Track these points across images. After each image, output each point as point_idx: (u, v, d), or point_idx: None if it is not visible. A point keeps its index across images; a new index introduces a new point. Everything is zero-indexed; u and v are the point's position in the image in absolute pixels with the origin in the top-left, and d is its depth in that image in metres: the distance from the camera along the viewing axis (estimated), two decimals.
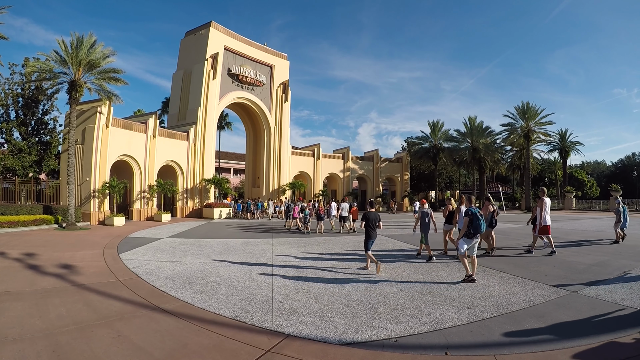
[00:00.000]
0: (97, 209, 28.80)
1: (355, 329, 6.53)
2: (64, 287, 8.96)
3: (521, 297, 8.30)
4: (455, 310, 7.55)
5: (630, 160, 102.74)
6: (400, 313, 7.40)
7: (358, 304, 7.94)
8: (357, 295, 8.59)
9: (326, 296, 8.53)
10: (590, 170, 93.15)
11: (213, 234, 21.83)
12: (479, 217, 9.98)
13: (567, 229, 23.71)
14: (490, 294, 8.67)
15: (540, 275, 10.49)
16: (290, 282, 9.85)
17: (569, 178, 67.88)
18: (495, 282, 9.71)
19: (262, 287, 9.28)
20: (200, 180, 38.00)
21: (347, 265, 12.18)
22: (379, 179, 58.01)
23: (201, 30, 40.41)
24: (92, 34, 25.54)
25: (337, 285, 9.55)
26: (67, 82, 25.27)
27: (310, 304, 7.90)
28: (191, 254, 14.20)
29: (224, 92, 40.96)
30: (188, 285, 9.29)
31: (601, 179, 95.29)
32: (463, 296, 8.53)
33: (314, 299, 8.31)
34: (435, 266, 11.94)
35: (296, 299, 8.25)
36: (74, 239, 18.81)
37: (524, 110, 53.42)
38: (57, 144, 33.69)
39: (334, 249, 16.05)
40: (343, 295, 8.59)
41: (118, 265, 11.91)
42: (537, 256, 13.58)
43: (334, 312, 7.39)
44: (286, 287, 9.25)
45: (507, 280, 9.97)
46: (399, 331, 6.49)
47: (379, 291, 9.00)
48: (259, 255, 14.13)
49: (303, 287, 9.28)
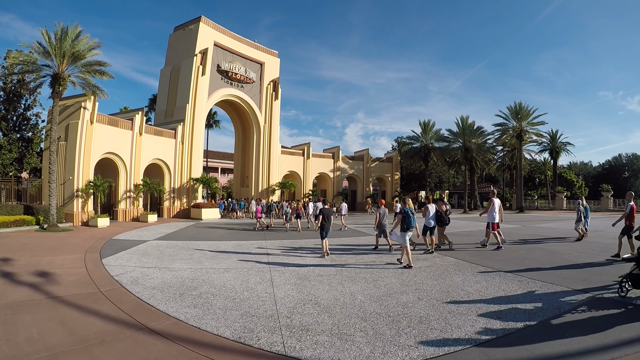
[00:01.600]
0: (81, 209, 27.56)
1: (383, 350, 5.62)
2: (38, 301, 7.86)
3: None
4: (485, 320, 6.87)
5: (617, 161, 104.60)
6: (426, 327, 6.59)
7: (376, 317, 7.06)
8: (372, 307, 7.71)
9: (338, 308, 7.61)
10: (577, 171, 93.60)
11: (202, 236, 20.77)
12: (410, 215, 12.11)
13: (550, 228, 25.51)
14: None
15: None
16: (293, 291, 8.88)
17: (558, 178, 67.78)
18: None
19: (264, 298, 8.28)
20: (188, 180, 36.84)
21: (352, 270, 11.24)
22: (369, 178, 57.25)
23: (191, 25, 39.27)
24: (77, 24, 24.48)
25: (347, 294, 8.66)
26: (50, 75, 24.10)
27: (322, 319, 6.95)
28: (180, 259, 13.14)
29: (213, 89, 39.88)
30: (179, 297, 8.23)
31: (588, 180, 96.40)
32: (486, 302, 8.01)
33: (325, 312, 7.38)
34: (447, 270, 11.21)
35: (305, 313, 7.29)
36: (55, 241, 17.66)
37: (517, 111, 52.87)
38: (39, 141, 32.38)
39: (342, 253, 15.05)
40: (357, 307, 7.70)
41: (100, 272, 10.81)
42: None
43: (352, 329, 6.46)
44: (291, 298, 8.29)
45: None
46: (432, 350, 5.64)
47: (396, 301, 8.15)
48: (254, 260, 13.12)
49: (310, 298, 8.33)
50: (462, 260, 12.91)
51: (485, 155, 56.13)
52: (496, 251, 14.81)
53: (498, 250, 14.88)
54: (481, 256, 13.81)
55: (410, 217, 12.09)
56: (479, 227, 24.65)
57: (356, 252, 15.17)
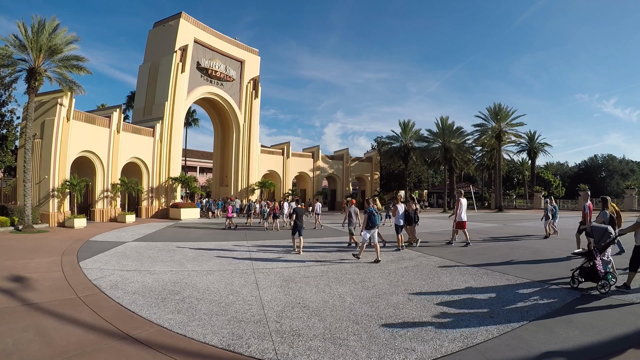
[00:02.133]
0: (57, 209, 26.84)
1: (379, 354, 5.47)
2: (13, 308, 7.47)
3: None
4: (479, 320, 6.88)
5: (594, 162, 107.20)
6: (420, 328, 6.49)
7: (368, 320, 6.91)
8: (363, 309, 7.57)
9: (328, 311, 7.44)
10: (554, 171, 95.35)
11: (182, 237, 20.36)
12: (374, 214, 13.14)
13: (530, 226, 25.95)
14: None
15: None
16: (280, 294, 8.65)
17: (535, 178, 68.71)
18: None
19: (250, 302, 8.03)
20: (167, 179, 36.24)
21: (336, 268, 11.10)
22: (349, 178, 57.22)
23: (171, 21, 38.61)
24: (55, 17, 23.72)
25: (335, 296, 8.50)
26: (26, 70, 23.38)
27: (313, 323, 6.75)
28: (161, 261, 12.79)
29: (193, 86, 39.31)
30: (161, 302, 7.92)
31: (565, 180, 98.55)
32: (477, 302, 8.13)
33: (315, 315, 7.19)
34: (434, 270, 11.16)
35: (294, 317, 7.08)
36: (30, 243, 17.10)
37: (496, 112, 53.35)
38: (14, 139, 31.29)
39: (313, 250, 14.87)
40: (347, 309, 7.54)
41: (78, 276, 10.39)
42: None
43: (345, 333, 6.29)
44: (278, 302, 8.06)
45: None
46: (429, 352, 5.56)
47: (386, 302, 8.04)
48: (237, 261, 12.85)
49: (297, 301, 8.12)
50: (446, 259, 13.12)
51: (465, 156, 56.50)
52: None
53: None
54: (464, 255, 14.15)
55: (375, 216, 13.17)
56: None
57: (331, 250, 15.75)
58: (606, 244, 8.73)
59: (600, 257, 8.58)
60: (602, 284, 8.38)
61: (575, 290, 8.76)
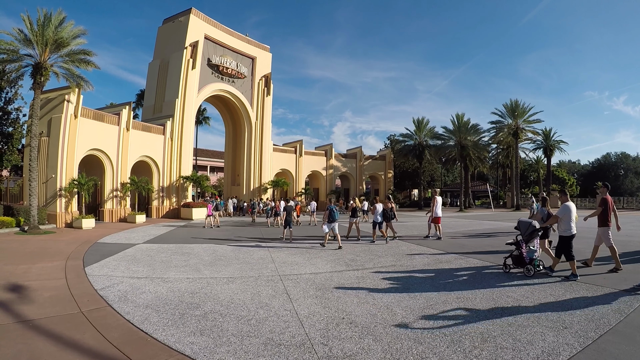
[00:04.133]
0: (64, 209, 25.82)
1: None
2: (5, 327, 6.24)
3: None
4: (555, 333, 5.93)
5: (607, 160, 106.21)
6: (495, 346, 5.43)
7: (431, 338, 5.77)
8: (419, 323, 6.46)
9: (380, 328, 6.24)
10: (567, 169, 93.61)
11: (196, 238, 19.12)
12: (334, 211, 16.04)
13: None
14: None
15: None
16: (317, 307, 7.42)
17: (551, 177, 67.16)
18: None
19: (285, 318, 6.79)
20: (178, 178, 35.16)
21: (373, 274, 9.81)
22: (362, 177, 56.14)
23: (180, 17, 37.60)
24: (62, 10, 22.72)
25: (382, 307, 7.34)
26: (32, 65, 22.41)
27: (368, 345, 5.54)
28: (175, 266, 11.58)
29: (204, 83, 38.26)
30: (179, 320, 6.67)
31: (578, 178, 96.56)
32: (541, 309, 7.35)
33: (367, 334, 5.99)
34: (473, 275, 10.24)
35: (343, 337, 5.85)
36: (34, 245, 16.01)
37: (513, 108, 51.89)
38: (20, 137, 30.36)
39: (339, 252, 13.70)
40: (401, 325, 6.39)
41: (82, 285, 9.19)
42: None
43: (410, 357, 5.11)
44: (318, 317, 6.83)
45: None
46: None
47: (443, 314, 6.96)
48: (259, 266, 11.61)
49: (340, 315, 6.90)
50: (485, 262, 12.25)
51: (481, 153, 55.08)
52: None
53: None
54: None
55: (335, 212, 16.08)
56: (485, 227, 24.52)
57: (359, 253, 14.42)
58: (531, 236, 10.25)
59: (526, 247, 10.22)
60: (527, 268, 10.04)
61: (507, 273, 10.38)
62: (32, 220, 21.58)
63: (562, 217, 10.03)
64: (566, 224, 9.95)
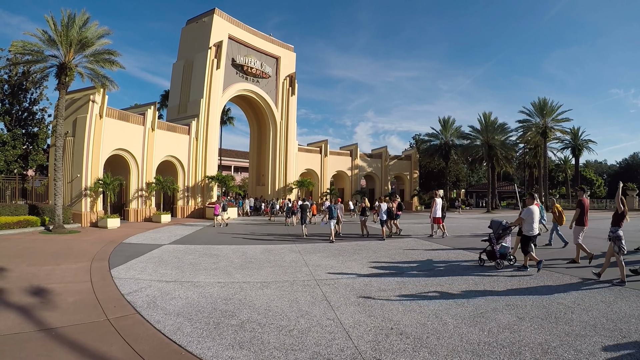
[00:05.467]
0: (89, 209, 25.62)
1: None
2: (26, 336, 5.74)
3: None
4: (615, 342, 5.48)
5: (635, 160, 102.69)
6: (556, 357, 4.89)
7: (490, 349, 5.21)
8: (474, 333, 5.88)
9: (433, 339, 5.65)
10: (593, 170, 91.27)
11: (222, 239, 18.63)
12: (332, 209, 18.02)
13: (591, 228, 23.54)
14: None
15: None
16: (362, 315, 6.80)
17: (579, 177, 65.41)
18: None
19: (329, 328, 6.17)
20: (203, 178, 34.86)
21: (414, 279, 9.14)
22: (387, 177, 55.19)
23: (204, 17, 37.35)
24: (86, 11, 22.52)
25: (431, 316, 6.79)
26: (57, 66, 22.22)
27: (424, 358, 4.94)
28: (204, 269, 11.03)
29: (228, 83, 37.88)
30: (215, 330, 6.06)
31: (605, 178, 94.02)
32: (593, 314, 6.97)
33: (421, 346, 5.39)
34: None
35: (396, 350, 5.24)
36: (59, 245, 15.66)
37: (541, 107, 50.54)
38: (45, 137, 30.42)
39: (374, 255, 12.98)
40: (454, 334, 5.86)
41: (108, 288, 8.70)
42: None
43: None
44: (365, 327, 6.22)
45: None
46: None
47: (495, 322, 6.41)
48: (293, 270, 11.02)
49: (388, 325, 6.30)
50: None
51: (509, 153, 53.63)
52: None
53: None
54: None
55: (333, 210, 18.12)
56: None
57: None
58: (502, 234, 11.34)
59: (498, 244, 11.29)
60: (497, 262, 11.18)
61: (481, 266, 11.58)
62: (57, 220, 21.36)
63: (526, 218, 10.96)
64: (529, 225, 10.91)
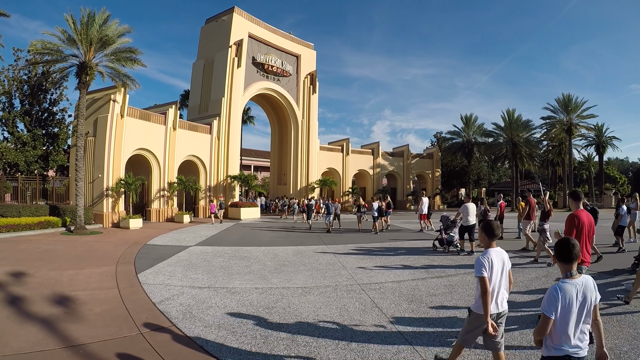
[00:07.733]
0: (111, 209, 25.14)
1: None
2: (51, 355, 5.01)
3: None
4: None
5: None
6: None
7: None
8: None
9: None
10: (616, 167, 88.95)
11: (250, 240, 17.93)
12: (329, 206, 21.96)
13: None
14: None
15: None
16: (420, 323, 6.04)
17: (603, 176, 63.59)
18: None
19: (389, 339, 5.45)
20: (225, 177, 34.31)
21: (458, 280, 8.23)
22: (409, 175, 54.12)
23: (223, 16, 36.81)
24: (106, 9, 22.05)
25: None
26: (77, 65, 21.76)
27: None
28: (237, 273, 10.28)
29: (249, 82, 37.25)
30: (264, 345, 5.29)
31: (631, 177, 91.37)
32: None
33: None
34: None
35: None
36: (81, 247, 15.08)
37: (566, 103, 49.13)
38: (66, 137, 30.12)
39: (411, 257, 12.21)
40: (519, 346, 5.07)
41: (138, 296, 7.96)
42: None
43: None
44: (427, 336, 5.65)
45: None
46: None
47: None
48: (332, 273, 10.28)
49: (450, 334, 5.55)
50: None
51: (533, 150, 52.32)
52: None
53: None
54: None
55: (329, 207, 21.87)
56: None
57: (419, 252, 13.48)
58: (448, 226, 14.47)
59: (446, 233, 14.37)
60: (444, 247, 14.37)
61: (434, 251, 14.48)
62: (79, 220, 20.88)
63: (462, 212, 14.08)
64: (465, 218, 13.94)
